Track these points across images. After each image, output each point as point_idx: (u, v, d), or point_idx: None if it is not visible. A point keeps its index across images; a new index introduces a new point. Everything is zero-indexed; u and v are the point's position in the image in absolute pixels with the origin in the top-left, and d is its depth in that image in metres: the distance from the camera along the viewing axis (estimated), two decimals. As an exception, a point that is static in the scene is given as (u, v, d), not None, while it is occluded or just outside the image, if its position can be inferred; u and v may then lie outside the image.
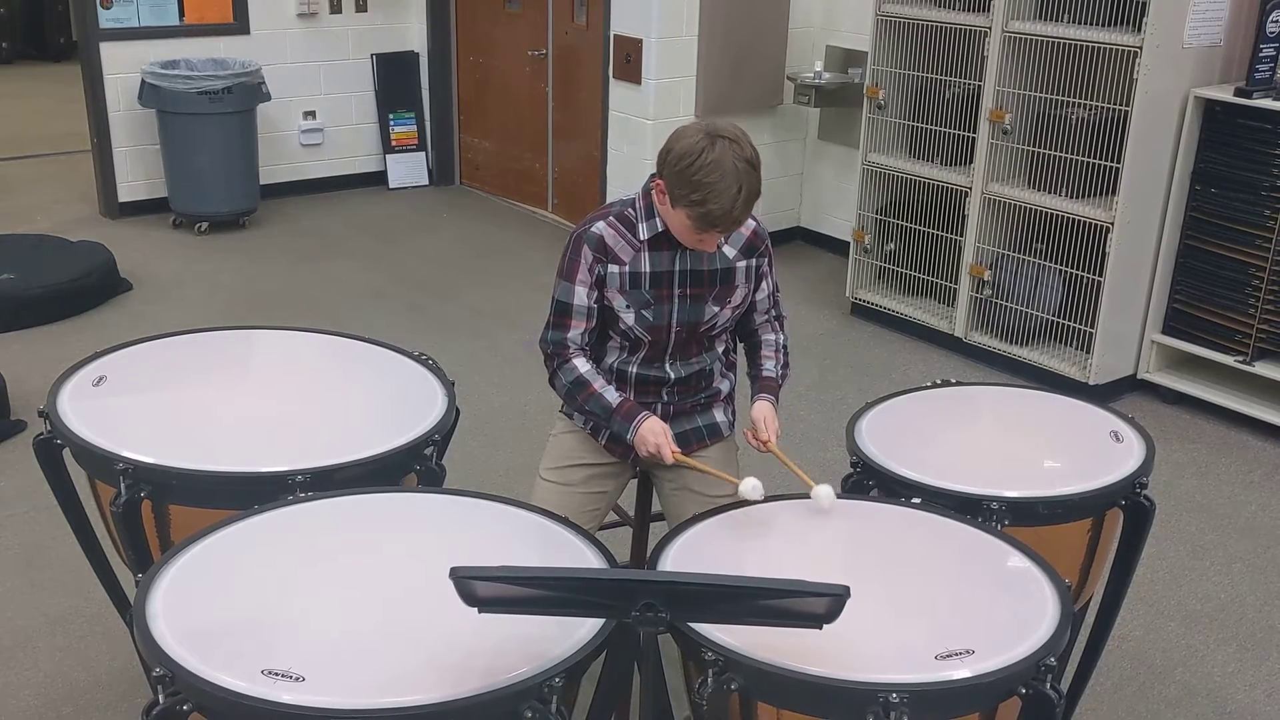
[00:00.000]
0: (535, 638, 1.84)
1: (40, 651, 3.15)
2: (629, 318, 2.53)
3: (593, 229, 2.51)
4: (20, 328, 5.05)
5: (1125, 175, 4.50)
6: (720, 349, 2.69)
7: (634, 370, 2.61)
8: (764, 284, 2.65)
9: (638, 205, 2.52)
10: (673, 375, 2.61)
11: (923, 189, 5.27)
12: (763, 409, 2.59)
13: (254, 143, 6.48)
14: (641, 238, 2.50)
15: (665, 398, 2.64)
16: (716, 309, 2.57)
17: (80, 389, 2.58)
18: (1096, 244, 4.62)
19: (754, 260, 2.60)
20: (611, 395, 2.53)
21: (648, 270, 2.51)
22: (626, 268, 2.50)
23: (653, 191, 2.46)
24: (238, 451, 2.37)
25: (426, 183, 7.48)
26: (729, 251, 2.56)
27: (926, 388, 2.94)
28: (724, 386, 2.74)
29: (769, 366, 2.68)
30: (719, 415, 2.72)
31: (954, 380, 3.12)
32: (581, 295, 2.51)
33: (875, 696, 1.78)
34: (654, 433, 2.48)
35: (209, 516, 2.18)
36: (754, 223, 2.59)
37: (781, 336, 2.73)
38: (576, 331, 2.54)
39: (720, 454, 2.72)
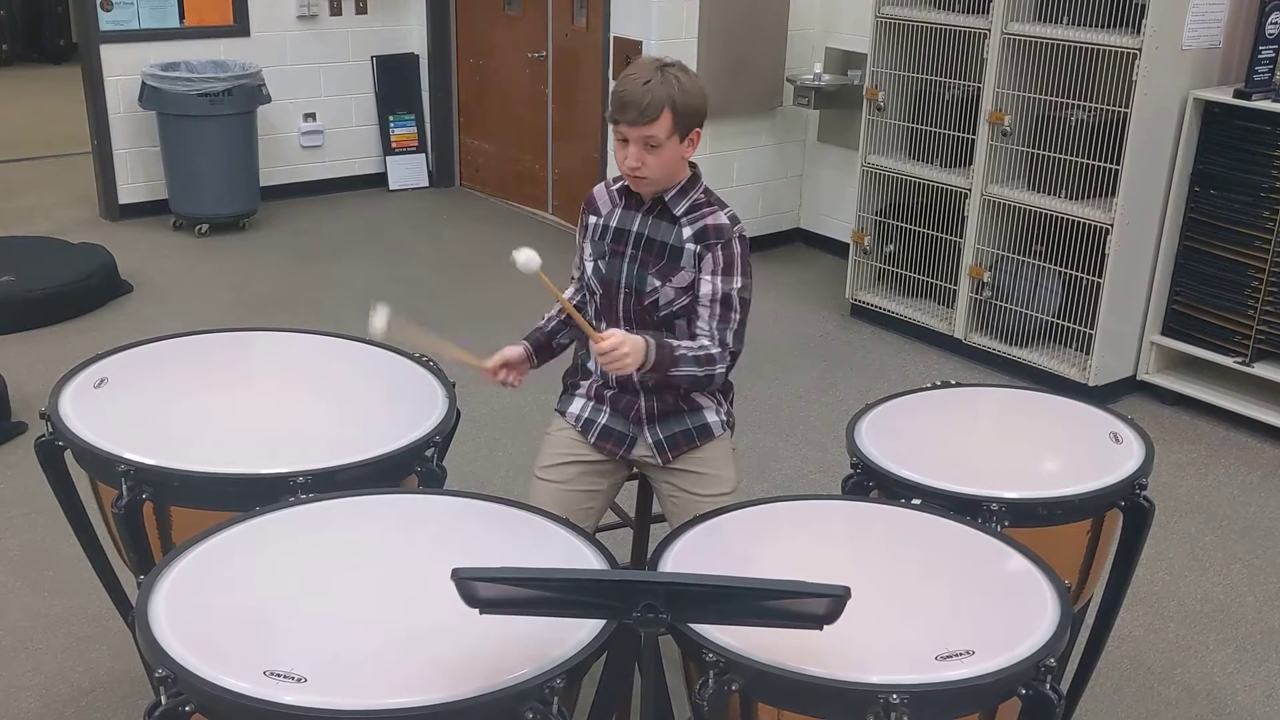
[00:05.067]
0: (536, 639, 1.85)
1: (41, 653, 3.15)
2: (588, 266, 2.68)
3: (594, 188, 2.74)
4: (21, 329, 5.06)
5: (1124, 177, 4.50)
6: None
7: None
8: (708, 282, 2.55)
9: None
10: None
11: (922, 190, 5.27)
12: (629, 336, 2.45)
13: (254, 145, 6.48)
14: (617, 190, 2.67)
15: (636, 377, 2.59)
16: (658, 283, 2.58)
17: (82, 390, 2.59)
18: (1096, 245, 4.63)
19: (701, 247, 2.56)
20: (525, 347, 2.75)
21: (614, 225, 2.65)
22: (601, 219, 2.67)
23: None
24: (239, 453, 2.37)
25: (426, 184, 7.49)
26: (685, 231, 2.57)
27: (926, 389, 2.94)
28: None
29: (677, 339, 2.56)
30: (710, 416, 2.69)
31: (954, 381, 3.13)
32: (579, 246, 2.74)
33: (876, 697, 1.78)
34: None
35: (211, 518, 2.18)
36: (724, 220, 2.56)
37: (715, 350, 2.54)
38: (573, 276, 2.80)
39: (714, 454, 2.70)
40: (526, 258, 2.34)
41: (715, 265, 2.56)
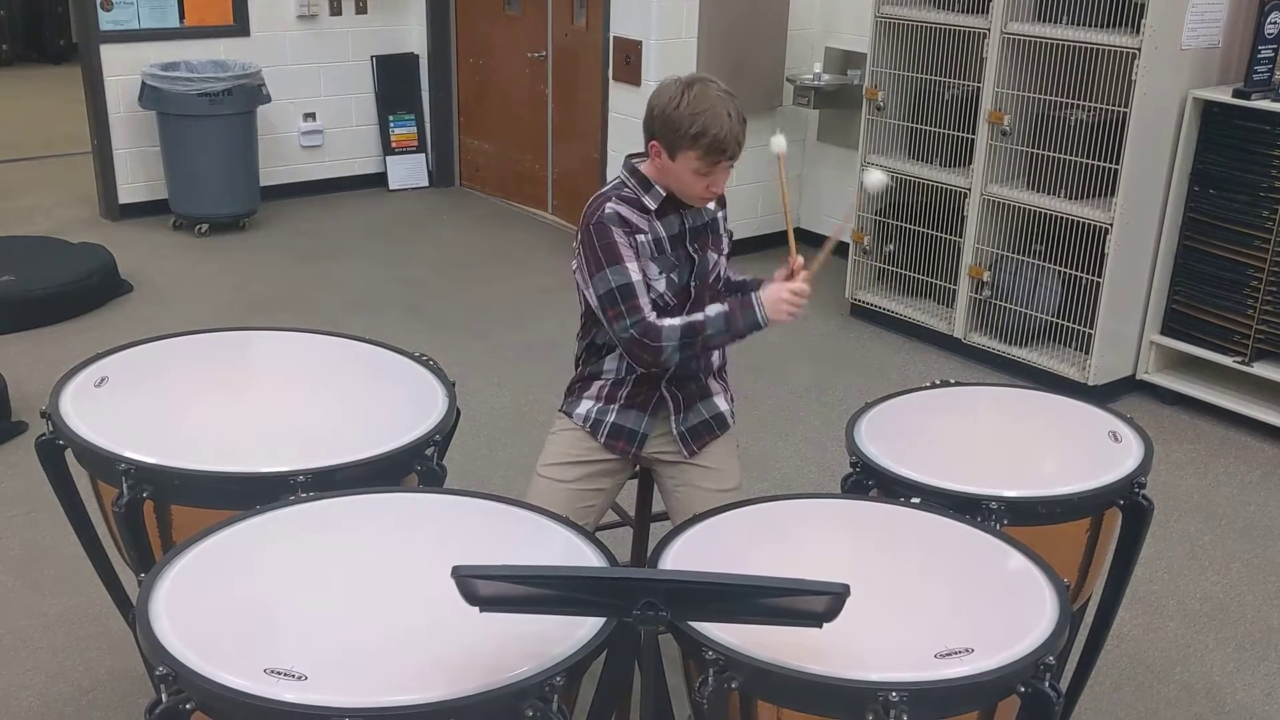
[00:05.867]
0: (536, 636, 1.85)
1: (42, 652, 3.15)
2: (660, 284, 2.59)
3: (607, 209, 2.54)
4: (21, 329, 5.06)
5: (1124, 176, 4.51)
6: None
7: None
8: (726, 235, 2.78)
9: (630, 183, 2.59)
10: None
11: (922, 190, 5.28)
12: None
13: (254, 144, 6.49)
14: (650, 207, 2.57)
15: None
16: (715, 256, 2.69)
17: (82, 390, 2.59)
18: (1095, 245, 4.63)
19: (724, 211, 2.74)
20: (716, 309, 2.53)
21: (664, 235, 2.59)
22: (649, 235, 2.57)
23: (641, 167, 2.58)
24: (239, 452, 2.37)
25: (426, 184, 7.49)
26: (710, 205, 2.67)
27: (926, 388, 2.95)
28: (716, 359, 2.77)
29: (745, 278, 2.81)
30: (722, 404, 2.74)
31: (953, 381, 3.13)
32: (636, 270, 2.53)
33: (875, 695, 1.78)
34: (776, 295, 2.51)
35: (211, 516, 2.18)
36: None
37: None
38: (646, 305, 2.52)
39: (724, 448, 2.73)
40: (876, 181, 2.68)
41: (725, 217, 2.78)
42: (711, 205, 2.67)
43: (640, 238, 2.55)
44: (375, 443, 2.42)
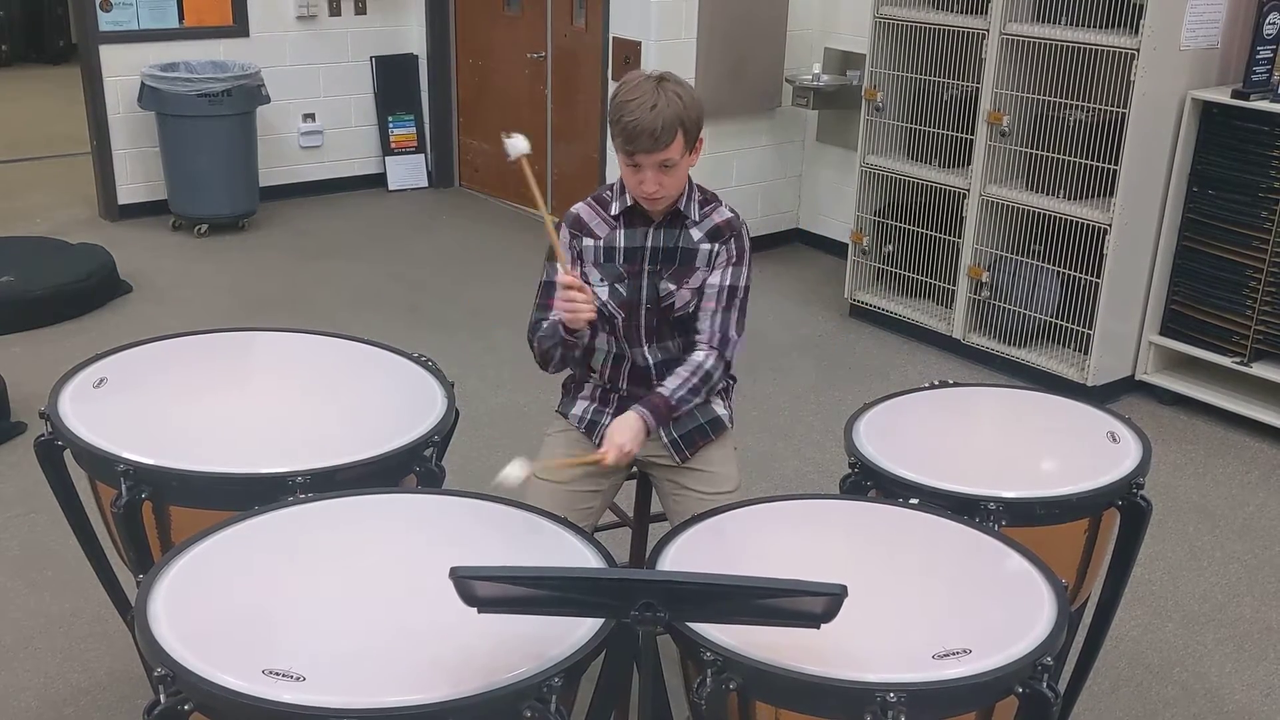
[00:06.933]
0: (534, 637, 1.85)
1: (41, 652, 3.15)
2: (603, 292, 2.59)
3: (571, 210, 2.64)
4: (21, 329, 5.06)
5: (1123, 177, 4.51)
6: None
7: (620, 357, 2.65)
8: (717, 275, 2.59)
9: (615, 187, 2.61)
10: (652, 360, 2.64)
11: (921, 191, 5.28)
12: (617, 424, 2.52)
13: (253, 145, 6.49)
14: (614, 213, 2.59)
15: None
16: (674, 287, 2.59)
17: (81, 390, 2.59)
18: (1094, 245, 4.63)
19: (716, 245, 2.61)
20: (551, 325, 2.57)
21: (621, 245, 2.59)
22: (601, 241, 2.59)
23: None
24: (238, 452, 2.37)
25: (426, 185, 7.49)
26: (695, 234, 2.60)
27: (924, 388, 2.95)
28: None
29: (666, 383, 2.57)
30: (719, 409, 2.73)
31: (952, 381, 3.13)
32: (557, 273, 2.58)
33: (873, 695, 1.79)
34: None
35: (209, 517, 2.18)
36: (730, 214, 2.63)
37: (710, 361, 2.59)
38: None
39: (720, 452, 2.72)
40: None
41: (728, 258, 2.62)
42: (698, 234, 2.58)
43: (588, 242, 2.60)
44: (374, 443, 2.42)
